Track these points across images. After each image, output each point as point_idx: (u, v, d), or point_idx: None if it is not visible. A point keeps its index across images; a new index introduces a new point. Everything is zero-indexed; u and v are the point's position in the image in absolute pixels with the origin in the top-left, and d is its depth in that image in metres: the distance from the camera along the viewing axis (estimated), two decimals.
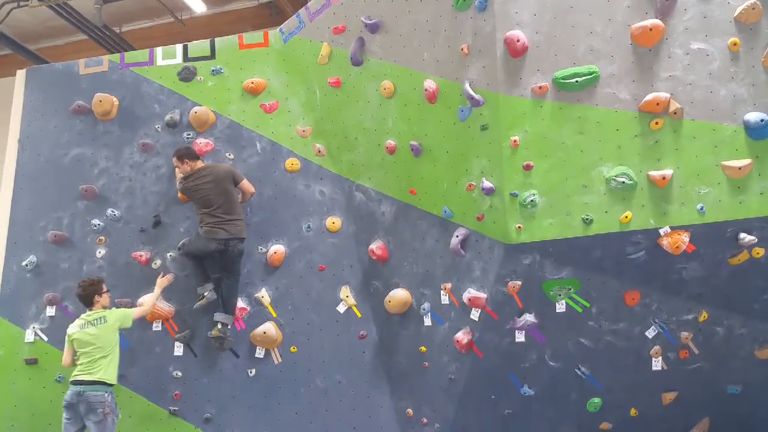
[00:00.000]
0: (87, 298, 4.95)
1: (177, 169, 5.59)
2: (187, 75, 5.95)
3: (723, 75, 4.16)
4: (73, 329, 4.92)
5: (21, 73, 6.31)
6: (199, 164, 5.47)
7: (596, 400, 4.81)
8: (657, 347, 4.61)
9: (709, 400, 4.80)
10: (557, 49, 4.27)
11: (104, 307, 5.01)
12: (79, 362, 4.84)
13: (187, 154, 5.45)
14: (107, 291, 5.08)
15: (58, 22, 11.02)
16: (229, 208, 5.29)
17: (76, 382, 4.76)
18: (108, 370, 4.80)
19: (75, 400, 4.71)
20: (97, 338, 4.82)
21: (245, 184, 5.46)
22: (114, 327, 4.92)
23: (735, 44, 4.16)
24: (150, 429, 5.56)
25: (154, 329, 5.62)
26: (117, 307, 5.63)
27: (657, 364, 4.65)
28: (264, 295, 5.57)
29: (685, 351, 4.62)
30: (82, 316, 4.97)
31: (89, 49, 10.95)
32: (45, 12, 10.72)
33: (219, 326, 5.33)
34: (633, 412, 4.86)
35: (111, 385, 4.81)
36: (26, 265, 5.79)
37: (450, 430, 5.07)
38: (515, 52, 4.26)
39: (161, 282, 5.45)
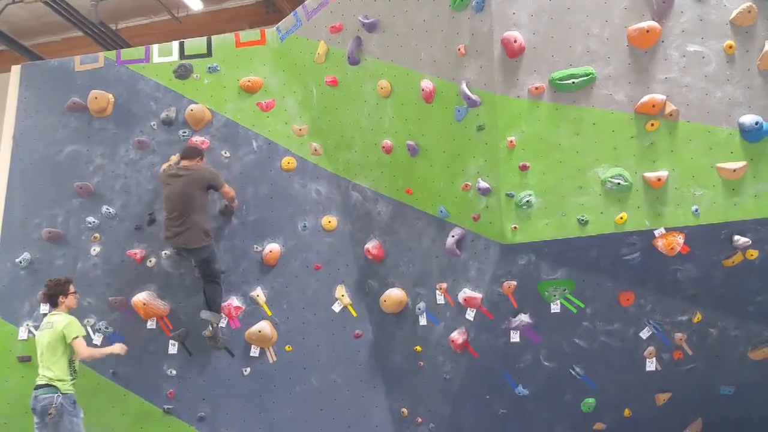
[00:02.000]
0: (52, 298, 4.87)
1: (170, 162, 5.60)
2: (183, 72, 5.93)
3: (718, 77, 4.17)
4: (38, 330, 4.88)
5: (16, 69, 6.27)
6: (185, 163, 5.35)
7: (590, 400, 4.83)
8: (651, 348, 4.63)
9: (703, 401, 4.82)
10: (554, 50, 4.28)
11: (69, 308, 4.91)
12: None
13: (188, 154, 5.40)
14: (74, 292, 4.96)
15: (54, 18, 10.96)
16: (185, 216, 5.12)
17: (35, 387, 4.70)
18: (58, 374, 4.65)
19: (33, 405, 4.64)
20: (46, 342, 4.71)
21: (226, 189, 5.38)
22: (60, 334, 4.71)
23: (731, 47, 4.18)
24: (144, 427, 5.55)
25: (148, 327, 5.60)
26: (113, 306, 5.63)
27: (651, 364, 4.66)
28: (259, 293, 5.56)
29: (679, 352, 4.64)
30: (46, 316, 4.91)
31: (85, 46, 10.91)
32: (41, 8, 10.67)
33: (211, 327, 5.32)
34: (627, 412, 4.87)
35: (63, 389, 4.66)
36: (20, 263, 5.77)
37: (445, 430, 5.07)
38: (512, 52, 4.26)
39: (113, 349, 5.05)
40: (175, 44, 6.04)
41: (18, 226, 5.88)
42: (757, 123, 4.06)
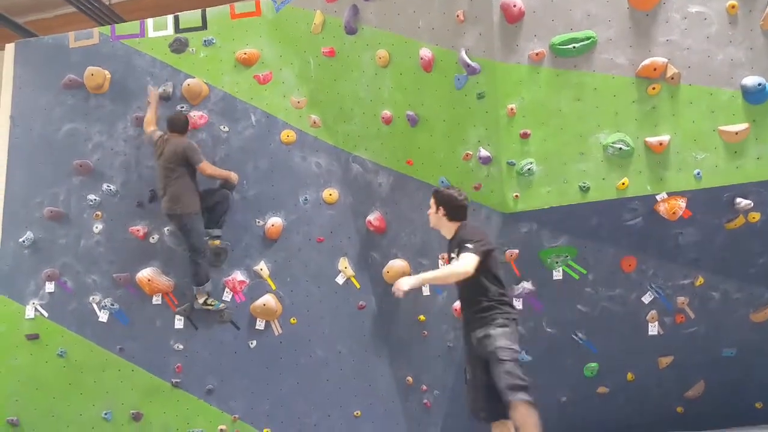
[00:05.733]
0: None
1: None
2: (178, 47, 5.85)
3: (721, 39, 4.12)
4: None
5: (10, 47, 6.19)
6: (168, 134, 5.42)
7: (593, 365, 4.88)
8: (653, 312, 4.66)
9: (705, 364, 4.87)
10: (554, 15, 4.22)
11: None
12: None
13: (170, 125, 5.46)
14: None
15: None
16: (166, 186, 5.28)
17: None
18: None
19: None
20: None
21: (204, 166, 5.34)
22: None
23: (733, 7, 4.12)
24: (153, 401, 5.63)
25: (154, 303, 5.64)
26: (117, 282, 5.66)
27: (653, 329, 4.70)
28: (263, 267, 5.59)
29: (681, 315, 4.67)
30: None
31: (78, 22, 10.68)
32: None
33: (208, 300, 5.43)
34: (630, 376, 4.93)
35: None
36: (23, 242, 5.78)
37: (449, 397, 5.15)
38: (512, 17, 4.21)
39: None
40: (170, 18, 5.93)
41: (19, 205, 5.87)
42: (759, 84, 4.03)
